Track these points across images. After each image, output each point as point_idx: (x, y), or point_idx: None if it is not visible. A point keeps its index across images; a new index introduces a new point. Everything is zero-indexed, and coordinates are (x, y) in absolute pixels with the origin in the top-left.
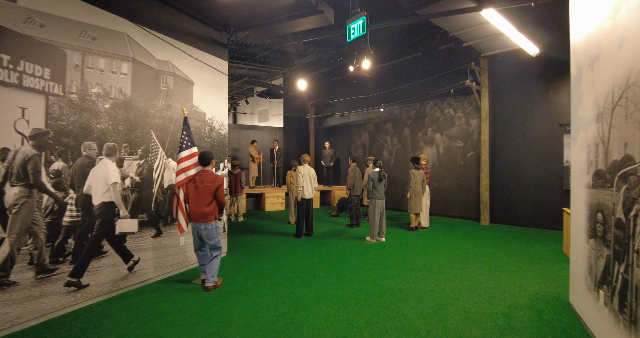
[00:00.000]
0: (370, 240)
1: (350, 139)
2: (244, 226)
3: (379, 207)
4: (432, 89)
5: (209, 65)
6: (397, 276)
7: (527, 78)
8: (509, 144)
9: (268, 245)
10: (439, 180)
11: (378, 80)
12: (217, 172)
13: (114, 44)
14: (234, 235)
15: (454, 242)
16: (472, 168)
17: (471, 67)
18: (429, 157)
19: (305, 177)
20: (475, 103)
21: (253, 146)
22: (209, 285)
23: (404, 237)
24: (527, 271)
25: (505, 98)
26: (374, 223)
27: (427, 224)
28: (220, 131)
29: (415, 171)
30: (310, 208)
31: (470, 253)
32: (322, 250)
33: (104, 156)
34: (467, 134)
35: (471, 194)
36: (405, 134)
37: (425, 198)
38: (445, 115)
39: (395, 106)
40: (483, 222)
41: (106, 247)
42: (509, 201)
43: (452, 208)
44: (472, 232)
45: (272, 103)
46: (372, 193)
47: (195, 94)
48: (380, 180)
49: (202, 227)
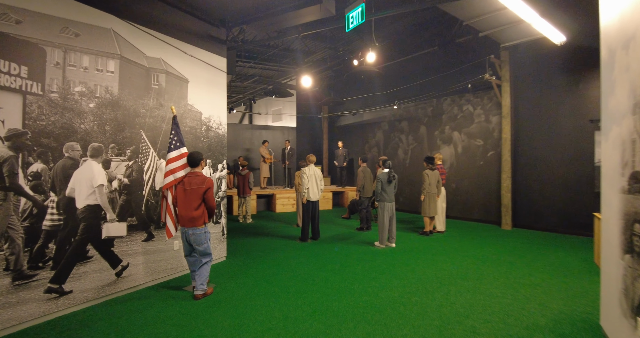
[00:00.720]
0: (379, 245)
1: (364, 138)
2: (251, 228)
3: (388, 210)
4: (450, 85)
5: (205, 62)
6: (403, 287)
7: (553, 70)
8: (533, 142)
9: (270, 249)
10: (457, 181)
11: (392, 76)
12: (215, 173)
13: (99, 40)
14: (237, 238)
15: (470, 249)
16: (492, 168)
17: (490, 60)
18: (446, 157)
19: (310, 178)
20: (496, 98)
21: (264, 146)
22: (197, 294)
23: (416, 243)
24: (551, 284)
25: (528, 92)
26: (383, 228)
27: (442, 228)
28: (219, 131)
29: (430, 172)
30: (316, 211)
31: (487, 262)
32: (325, 255)
33: (89, 157)
34: (487, 132)
35: (491, 196)
36: (422, 133)
37: (440, 200)
38: (464, 112)
39: (410, 103)
40: (504, 226)
41: (91, 251)
42: (533, 204)
43: (471, 211)
44: (491, 238)
45: (285, 103)
46: (381, 196)
47: (191, 92)
48: (389, 181)
49: (190, 232)
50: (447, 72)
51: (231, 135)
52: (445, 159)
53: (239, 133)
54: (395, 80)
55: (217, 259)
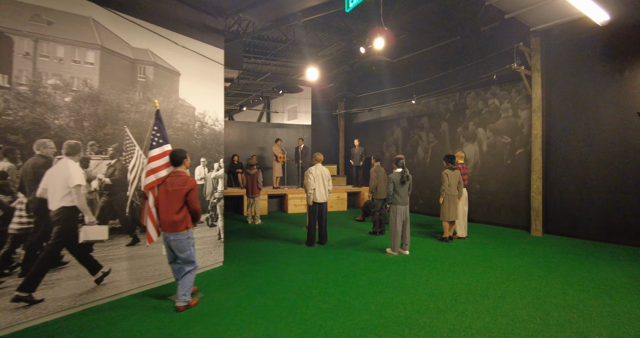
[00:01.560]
0: (391, 252)
1: (382, 136)
2: (258, 230)
3: (401, 214)
4: (473, 77)
5: (199, 53)
6: (411, 304)
7: (592, 56)
8: (568, 139)
9: (272, 254)
10: (482, 182)
11: (411, 70)
12: (211, 172)
13: (76, 29)
14: (241, 241)
15: (494, 258)
16: (521, 168)
17: (519, 48)
18: (470, 155)
19: (317, 178)
20: (525, 91)
21: (277, 145)
22: (179, 306)
23: (433, 250)
24: (590, 306)
25: (563, 83)
26: (395, 234)
27: (463, 234)
28: (214, 127)
29: (450, 172)
30: (323, 214)
31: (513, 275)
32: (330, 263)
33: (64, 155)
34: (515, 128)
35: (520, 199)
36: (443, 129)
37: (461, 203)
38: (489, 106)
39: (431, 98)
40: (534, 233)
41: (67, 257)
42: (567, 207)
43: (497, 214)
44: (519, 245)
45: (301, 100)
46: (394, 198)
47: (183, 86)
48: (402, 182)
49: (171, 238)
50: (470, 62)
51: (245, 134)
52: (468, 157)
53: (253, 131)
54: (414, 73)
55: (213, 265)
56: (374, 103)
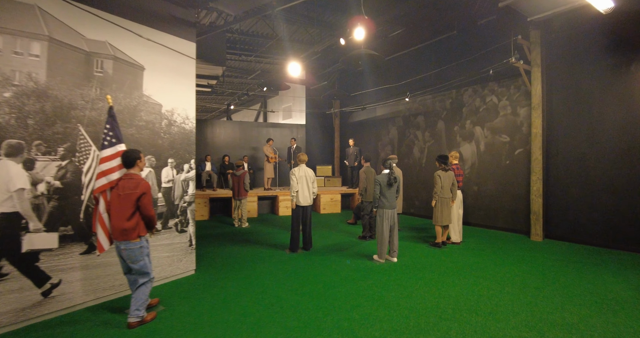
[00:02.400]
0: (377, 260)
1: (377, 136)
2: (243, 234)
3: (388, 218)
4: (470, 73)
5: (168, 47)
6: (389, 322)
7: (596, 48)
8: (570, 138)
9: (251, 261)
10: (480, 184)
11: (406, 66)
12: (180, 174)
13: (17, 18)
14: (221, 246)
15: (488, 267)
16: (520, 168)
17: (517, 42)
18: (467, 155)
19: (300, 180)
20: (524, 87)
21: (269, 145)
22: (131, 321)
23: (423, 257)
24: (591, 325)
25: (564, 78)
26: (382, 240)
27: (458, 239)
28: (184, 125)
29: (442, 173)
30: (307, 218)
31: (508, 287)
32: (310, 272)
33: (4, 157)
34: (514, 126)
35: (519, 201)
36: (439, 128)
37: (456, 206)
38: (487, 104)
39: (427, 96)
40: (534, 237)
41: (7, 267)
42: (569, 211)
43: (495, 218)
44: (516, 252)
45: (295, 99)
46: (380, 201)
47: (148, 81)
48: (389, 184)
49: (122, 247)
50: (467, 58)
51: (237, 134)
52: (465, 157)
53: (245, 131)
54: (409, 70)
55: (183, 273)
56: (369, 102)
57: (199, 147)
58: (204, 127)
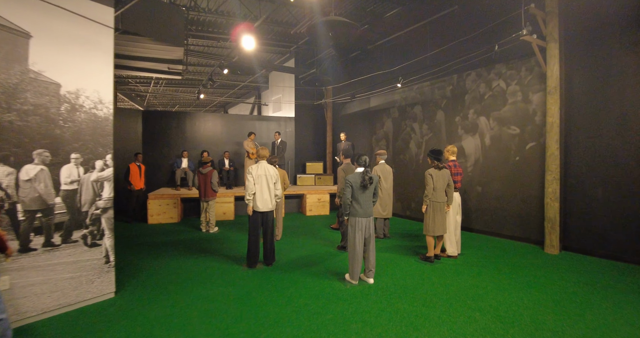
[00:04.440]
0: (349, 280)
1: (371, 129)
2: (204, 242)
3: (362, 229)
4: (474, 53)
5: (69, 10)
6: None
7: (628, 19)
8: (595, 129)
9: (195, 280)
10: (485, 184)
11: (402, 50)
12: (90, 173)
13: None
14: (167, 258)
15: (490, 293)
16: (533, 166)
17: (529, 11)
18: (469, 150)
19: (259, 180)
20: (538, 68)
21: (250, 139)
22: None
23: (408, 276)
24: None
25: (588, 56)
26: (354, 256)
27: (455, 252)
28: (97, 112)
29: (435, 172)
30: (268, 226)
31: (513, 327)
32: (258, 298)
33: None
34: (525, 116)
35: (531, 205)
36: (439, 120)
37: (452, 212)
38: (493, 90)
39: (425, 83)
40: (549, 249)
41: None
42: (593, 218)
43: (501, 224)
44: (527, 270)
45: (285, 89)
46: (352, 208)
47: (38, 53)
48: (363, 186)
49: None
50: (470, 35)
51: (219, 128)
52: (468, 153)
53: (229, 125)
54: (406, 54)
55: (95, 298)
56: (362, 91)
57: (176, 141)
58: (182, 120)
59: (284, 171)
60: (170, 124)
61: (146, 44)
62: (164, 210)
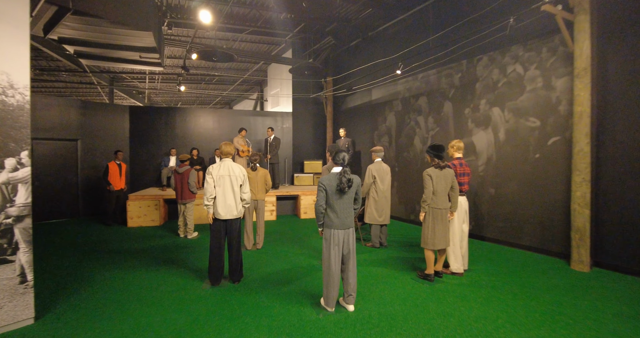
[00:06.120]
0: (324, 307)
1: (373, 124)
2: (177, 249)
3: (338, 244)
4: (485, 32)
5: None
6: None
7: None
8: (635, 120)
9: (141, 300)
10: (499, 185)
11: (404, 36)
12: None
13: None
14: (121, 271)
15: (501, 325)
16: (556, 165)
17: None
18: (481, 147)
19: (220, 182)
20: (563, 47)
21: (240, 136)
22: None
23: (399, 301)
24: None
25: (627, 30)
26: (329, 278)
27: (460, 268)
28: (5, 99)
29: (435, 172)
30: (233, 236)
31: None
32: (209, 327)
33: None
34: (547, 105)
35: (554, 211)
36: (446, 112)
37: (458, 220)
38: (509, 76)
39: (430, 71)
40: (577, 266)
41: None
42: (632, 229)
43: (518, 233)
44: (550, 293)
45: (283, 82)
46: (326, 217)
47: None
48: (340, 190)
49: None
50: (481, 11)
51: (210, 124)
52: (479, 149)
53: (222, 121)
54: (409, 39)
55: (8, 326)
56: (362, 83)
57: (165, 138)
58: (172, 116)
59: (266, 170)
60: (160, 120)
61: (107, 28)
62: (144, 212)
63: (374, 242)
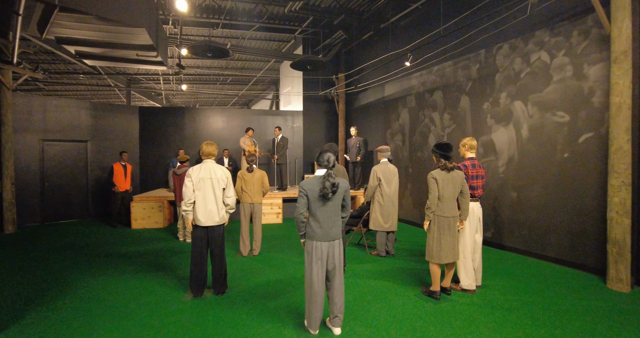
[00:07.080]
0: (308, 329)
1: (386, 122)
2: (172, 254)
3: (321, 258)
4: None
5: None
6: None
7: None
8: None
9: (116, 311)
10: (521, 188)
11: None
12: None
13: None
14: (109, 277)
15: None
16: (589, 166)
17: None
18: (502, 145)
19: (201, 185)
20: (597, 29)
21: (247, 136)
22: None
23: (396, 324)
24: None
25: None
26: (311, 296)
27: (472, 284)
28: None
29: (442, 174)
30: (216, 245)
31: None
32: None
33: None
34: (578, 97)
35: (587, 219)
36: (463, 107)
37: (470, 230)
38: (532, 65)
39: (446, 63)
40: (614, 284)
41: None
42: None
43: (544, 243)
44: (581, 319)
45: (295, 80)
46: (308, 227)
47: None
48: (323, 196)
49: None
50: None
51: (220, 124)
52: (499, 148)
53: (232, 121)
54: (424, 30)
55: None
56: (377, 78)
57: (175, 139)
58: (181, 116)
59: (263, 172)
60: (169, 121)
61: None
62: (148, 214)
63: (380, 250)
